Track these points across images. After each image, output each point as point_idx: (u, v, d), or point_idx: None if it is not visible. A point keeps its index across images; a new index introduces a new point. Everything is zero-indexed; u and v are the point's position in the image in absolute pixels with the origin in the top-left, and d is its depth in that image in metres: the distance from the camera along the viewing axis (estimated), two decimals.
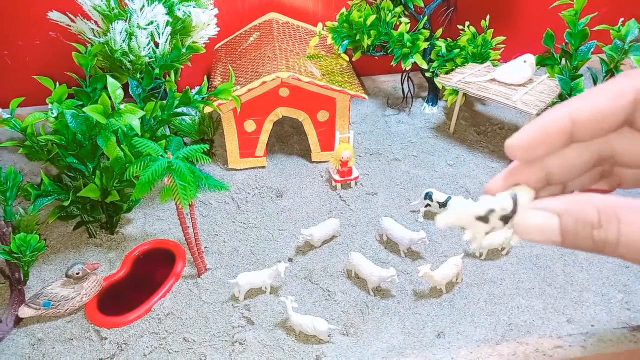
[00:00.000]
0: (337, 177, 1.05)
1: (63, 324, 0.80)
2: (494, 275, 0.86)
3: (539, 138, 0.30)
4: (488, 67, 1.11)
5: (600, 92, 0.30)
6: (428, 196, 0.95)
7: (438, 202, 0.94)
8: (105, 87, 0.88)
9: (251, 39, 1.17)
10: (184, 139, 1.09)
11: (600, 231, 0.28)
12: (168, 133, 1.06)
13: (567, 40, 1.05)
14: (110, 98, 0.74)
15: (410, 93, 1.28)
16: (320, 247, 0.93)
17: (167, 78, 0.95)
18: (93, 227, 0.94)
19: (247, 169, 1.12)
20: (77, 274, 0.79)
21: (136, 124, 0.73)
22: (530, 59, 1.00)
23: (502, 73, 1.02)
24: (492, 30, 1.18)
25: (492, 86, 1.02)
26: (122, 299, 0.84)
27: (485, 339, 0.76)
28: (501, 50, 1.21)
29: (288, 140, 1.22)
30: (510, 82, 1.01)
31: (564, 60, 1.08)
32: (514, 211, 0.32)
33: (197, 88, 0.93)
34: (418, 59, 1.13)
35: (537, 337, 0.75)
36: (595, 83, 1.07)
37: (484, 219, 0.33)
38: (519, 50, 1.21)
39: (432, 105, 1.29)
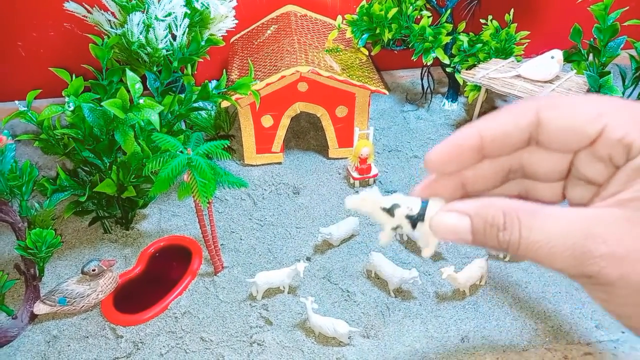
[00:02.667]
0: (355, 174, 1.02)
1: (78, 321, 0.79)
2: (518, 278, 0.84)
3: (452, 153, 0.34)
4: (512, 62, 1.08)
5: (506, 112, 0.34)
6: None
7: None
8: (121, 80, 0.87)
9: (268, 31, 1.15)
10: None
11: (504, 233, 0.30)
12: (184, 127, 1.04)
13: (595, 36, 1.01)
14: (128, 91, 0.73)
15: (430, 88, 1.25)
16: (338, 245, 0.91)
17: (185, 71, 0.93)
18: (108, 222, 0.93)
19: (263, 164, 1.10)
20: (93, 270, 0.78)
21: (155, 119, 0.71)
22: (558, 54, 0.96)
23: (528, 69, 0.99)
24: (516, 24, 1.14)
25: (518, 82, 0.99)
26: (137, 296, 0.82)
27: (511, 344, 0.73)
28: (524, 46, 1.17)
29: (304, 136, 1.20)
30: (537, 78, 0.98)
31: (591, 56, 1.05)
32: (420, 214, 0.35)
33: (214, 82, 0.91)
34: (440, 53, 1.10)
35: (565, 343, 0.73)
36: (623, 80, 1.03)
37: (389, 211, 0.35)
38: (543, 45, 1.17)
39: (451, 101, 1.26)
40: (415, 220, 0.36)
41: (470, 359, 0.71)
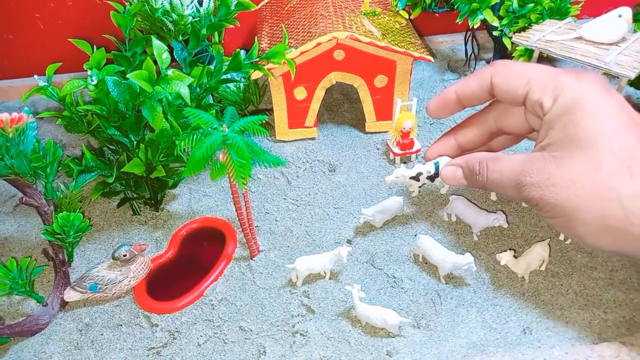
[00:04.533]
0: (396, 150, 0.95)
1: (111, 308, 0.75)
2: (582, 262, 0.76)
3: (440, 105, 0.62)
4: (570, 23, 0.97)
5: (473, 76, 0.55)
6: None
7: None
8: (145, 52, 0.80)
9: None
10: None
11: (479, 176, 0.51)
12: (211, 101, 0.97)
13: None
14: (154, 63, 0.66)
15: (474, 54, 1.15)
16: (381, 227, 0.84)
17: (212, 40, 0.85)
18: (137, 204, 0.88)
19: (295, 140, 1.03)
20: (124, 255, 0.74)
21: (185, 92, 0.64)
22: (627, 12, 0.85)
23: (590, 30, 0.89)
24: None
25: (579, 45, 0.89)
26: (171, 281, 0.78)
27: (580, 337, 0.66)
28: (581, 4, 1.06)
29: (338, 109, 1.12)
30: (601, 40, 0.88)
31: None
32: (436, 173, 0.66)
33: (242, 52, 0.84)
34: (488, 14, 0.99)
35: None
36: None
37: (415, 178, 0.75)
38: (602, 6, 1.06)
39: None
40: (433, 177, 0.72)
41: (535, 353, 0.64)
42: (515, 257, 0.71)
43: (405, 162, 0.96)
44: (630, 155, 0.52)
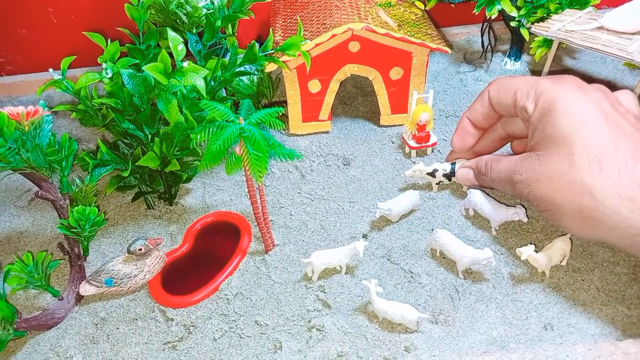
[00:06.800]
0: (412, 143, 0.93)
1: (126, 302, 0.75)
2: (604, 257, 0.75)
3: (461, 140, 0.70)
4: (591, 13, 0.95)
5: (477, 98, 0.64)
6: None
7: None
8: (159, 45, 0.80)
9: None
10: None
11: (484, 176, 0.61)
12: (224, 95, 0.96)
13: None
14: (170, 55, 0.65)
15: (491, 45, 1.13)
16: (397, 222, 0.83)
17: (226, 32, 0.84)
18: (151, 198, 0.88)
19: (309, 134, 1.02)
20: (140, 249, 0.73)
21: (201, 84, 0.63)
22: None
23: (612, 19, 0.86)
24: None
25: (601, 35, 0.86)
26: (186, 276, 0.78)
27: (603, 333, 0.65)
28: None
29: (352, 102, 1.11)
30: (624, 29, 0.85)
31: None
32: (452, 172, 0.78)
33: (257, 44, 0.83)
34: (506, 4, 0.97)
35: None
36: None
37: (432, 174, 0.82)
38: None
39: (514, 60, 1.14)
40: (450, 176, 0.79)
41: (557, 349, 0.63)
42: (536, 251, 0.70)
43: (421, 156, 0.95)
44: (601, 151, 0.57)
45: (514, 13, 0.99)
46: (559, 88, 0.59)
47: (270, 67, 0.87)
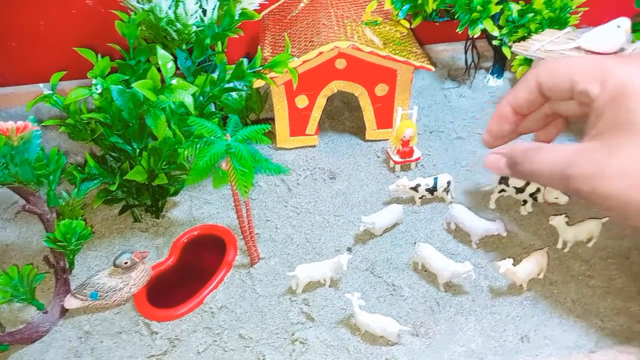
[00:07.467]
0: (396, 158, 0.95)
1: (111, 316, 0.76)
2: (580, 271, 0.77)
3: (499, 120, 0.50)
4: (569, 33, 0.98)
5: (521, 82, 0.48)
6: (503, 180, 0.85)
7: (515, 187, 0.84)
8: (149, 60, 0.81)
9: (301, 4, 1.07)
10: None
11: (520, 166, 0.45)
12: (213, 109, 0.98)
13: None
14: (159, 71, 0.67)
15: (474, 63, 1.16)
16: (381, 235, 0.85)
17: (215, 49, 0.86)
18: (138, 211, 0.89)
19: (296, 148, 1.04)
20: (125, 263, 0.74)
21: (189, 101, 0.65)
22: (625, 23, 0.87)
23: (589, 40, 0.90)
24: None
25: (578, 55, 0.90)
26: (171, 289, 0.78)
27: (577, 345, 0.67)
28: (580, 14, 1.07)
29: (338, 117, 1.13)
30: (600, 50, 0.89)
31: None
32: (435, 187, 0.86)
33: (245, 60, 0.84)
34: (488, 24, 1.01)
35: (639, 344, 0.66)
36: None
37: (414, 189, 0.86)
38: (601, 15, 1.07)
39: (497, 76, 1.17)
40: (432, 190, 0.86)
41: None
42: (514, 265, 0.72)
43: (405, 170, 0.97)
44: None
45: (495, 32, 1.03)
46: (632, 69, 0.49)
47: (259, 83, 0.89)
